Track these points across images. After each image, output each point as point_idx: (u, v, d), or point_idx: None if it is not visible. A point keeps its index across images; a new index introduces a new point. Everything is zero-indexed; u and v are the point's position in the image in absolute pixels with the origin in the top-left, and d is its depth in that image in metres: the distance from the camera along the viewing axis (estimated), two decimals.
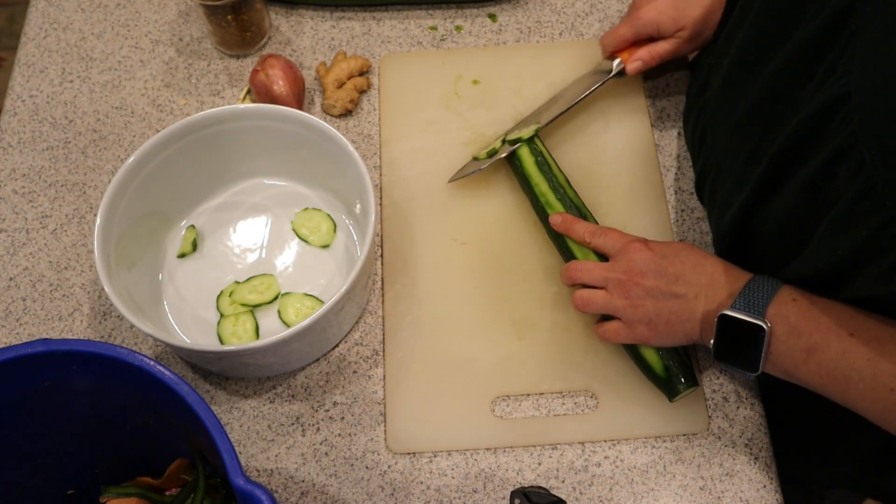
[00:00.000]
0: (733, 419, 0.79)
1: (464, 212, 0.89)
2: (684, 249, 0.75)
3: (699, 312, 0.72)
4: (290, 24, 1.02)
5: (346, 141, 0.80)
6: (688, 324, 0.72)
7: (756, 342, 0.67)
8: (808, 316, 0.66)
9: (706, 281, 0.72)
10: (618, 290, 0.75)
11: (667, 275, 0.73)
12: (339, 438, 0.79)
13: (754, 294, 0.68)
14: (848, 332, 0.63)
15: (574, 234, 0.80)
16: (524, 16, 1.01)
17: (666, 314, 0.73)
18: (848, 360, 0.63)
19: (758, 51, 0.70)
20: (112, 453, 0.72)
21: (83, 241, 0.89)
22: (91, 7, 1.04)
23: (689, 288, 0.72)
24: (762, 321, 0.67)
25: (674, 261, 0.74)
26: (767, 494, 0.76)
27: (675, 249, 0.75)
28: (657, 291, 0.73)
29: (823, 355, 0.64)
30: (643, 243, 0.76)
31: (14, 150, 0.95)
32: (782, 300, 0.67)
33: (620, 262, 0.76)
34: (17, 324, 0.85)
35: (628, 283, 0.74)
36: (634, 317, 0.74)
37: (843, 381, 0.64)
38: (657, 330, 0.74)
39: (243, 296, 0.84)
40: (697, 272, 0.73)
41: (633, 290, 0.74)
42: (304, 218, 0.88)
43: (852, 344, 0.63)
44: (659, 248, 0.75)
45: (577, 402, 0.80)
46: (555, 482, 0.77)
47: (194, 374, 0.83)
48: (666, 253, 0.74)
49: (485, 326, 0.83)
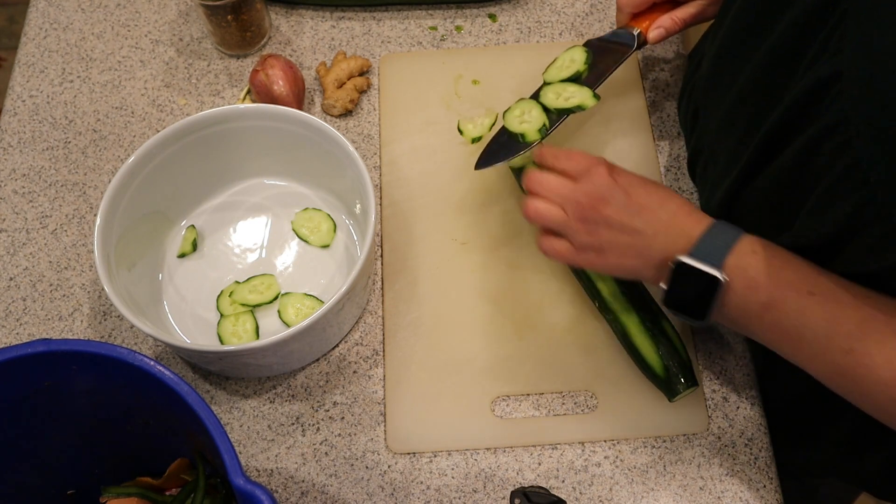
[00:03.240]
0: (733, 419, 0.79)
1: (464, 212, 0.89)
2: (651, 183, 0.72)
3: (655, 252, 0.69)
4: (290, 24, 1.02)
5: (346, 141, 0.80)
6: (640, 261, 0.70)
7: (710, 293, 0.65)
8: (768, 270, 0.64)
9: (668, 219, 0.69)
10: (576, 213, 0.71)
11: (629, 206, 0.70)
12: (339, 438, 0.79)
13: (714, 242, 0.66)
14: (807, 289, 0.62)
15: (545, 162, 0.77)
16: (524, 16, 1.01)
17: (621, 247, 0.70)
18: (804, 318, 0.62)
19: (750, 30, 0.70)
20: (112, 453, 0.72)
21: (83, 241, 0.89)
22: (91, 7, 1.04)
23: (649, 224, 0.69)
24: (719, 273, 0.64)
25: (639, 193, 0.71)
26: (767, 494, 0.76)
27: (642, 181, 0.72)
28: (616, 222, 0.70)
29: (779, 312, 0.63)
30: (609, 169, 0.72)
31: (14, 150, 0.95)
32: (742, 251, 0.65)
33: (584, 184, 0.72)
34: (17, 324, 0.85)
35: (588, 207, 0.71)
36: (586, 243, 0.72)
37: (796, 339, 0.63)
38: (606, 260, 0.71)
39: (243, 296, 0.84)
40: (661, 209, 0.70)
41: (591, 216, 0.71)
42: (304, 218, 0.88)
43: (811, 302, 0.62)
44: (625, 177, 0.72)
45: (577, 402, 0.80)
46: (555, 482, 0.77)
47: (194, 374, 0.83)
48: (632, 183, 0.71)
49: (485, 326, 0.83)
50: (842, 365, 0.61)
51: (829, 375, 0.62)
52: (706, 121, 0.82)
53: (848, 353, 0.60)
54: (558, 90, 0.83)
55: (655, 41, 0.86)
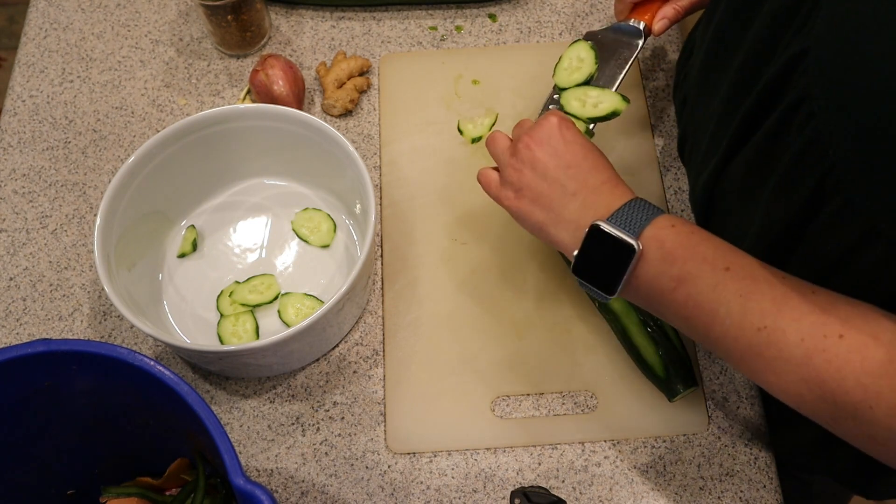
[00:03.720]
0: (733, 419, 0.79)
1: (464, 212, 0.89)
2: (593, 152, 0.71)
3: (569, 211, 0.69)
4: (290, 24, 1.02)
5: (346, 141, 0.80)
6: (551, 215, 0.70)
7: (623, 262, 0.65)
8: (686, 244, 0.63)
9: (594, 184, 0.69)
10: (513, 147, 0.73)
11: (560, 157, 0.70)
12: (339, 438, 0.79)
13: (633, 213, 0.66)
14: (724, 265, 0.62)
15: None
16: (524, 16, 1.01)
17: (537, 193, 0.70)
18: (719, 293, 0.61)
19: (738, 15, 0.70)
20: (112, 453, 0.72)
21: (83, 241, 0.89)
22: (91, 7, 1.04)
23: (572, 181, 0.69)
24: (635, 241, 0.64)
25: (576, 151, 0.71)
26: (767, 494, 0.76)
27: (586, 146, 0.71)
28: (541, 166, 0.70)
29: (694, 286, 0.63)
30: (560, 121, 0.72)
31: (14, 150, 0.95)
32: (661, 224, 0.65)
33: (533, 127, 0.72)
34: (17, 324, 0.85)
35: (523, 146, 0.71)
36: (510, 179, 0.72)
37: (709, 315, 0.62)
38: (520, 204, 0.71)
39: (243, 296, 0.84)
40: (591, 173, 0.69)
41: (523, 154, 0.71)
42: (304, 218, 0.88)
43: (726, 277, 0.61)
44: (572, 134, 0.71)
45: (577, 402, 0.80)
46: (555, 482, 0.77)
47: (194, 374, 0.83)
48: (575, 141, 0.71)
49: (485, 326, 0.83)
50: (754, 343, 0.60)
51: (739, 355, 0.62)
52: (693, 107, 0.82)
53: (761, 330, 0.59)
54: (580, 96, 0.81)
55: (660, 32, 0.84)
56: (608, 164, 0.71)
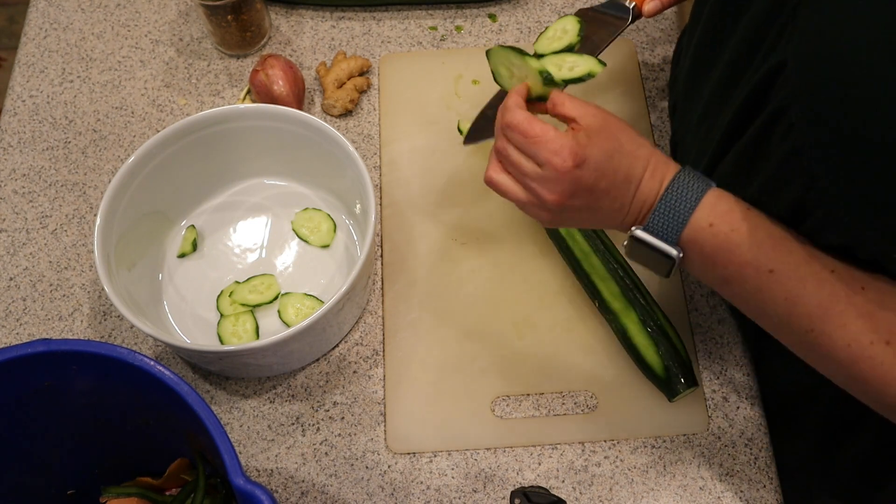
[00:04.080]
0: (733, 419, 0.79)
1: (464, 212, 0.89)
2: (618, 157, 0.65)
3: (616, 222, 0.68)
4: (290, 24, 1.02)
5: (346, 141, 0.80)
6: (600, 226, 0.70)
7: (666, 263, 0.65)
8: (725, 247, 0.62)
9: (631, 195, 0.66)
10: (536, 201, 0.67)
11: (591, 199, 0.66)
12: (339, 438, 0.79)
13: (670, 212, 0.63)
14: (768, 267, 0.60)
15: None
16: (524, 16, 1.01)
17: (581, 222, 0.69)
18: (764, 296, 0.61)
19: (720, 24, 0.71)
20: (112, 453, 0.72)
21: (83, 241, 0.89)
22: (91, 7, 1.04)
23: (613, 202, 0.66)
24: (674, 250, 0.63)
25: (605, 180, 0.65)
26: (767, 494, 0.76)
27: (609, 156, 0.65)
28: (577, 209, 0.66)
29: (738, 288, 0.63)
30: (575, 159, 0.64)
31: (14, 150, 0.95)
32: (699, 225, 0.63)
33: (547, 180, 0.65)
34: (17, 324, 0.85)
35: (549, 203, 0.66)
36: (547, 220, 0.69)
37: (756, 311, 0.63)
38: (565, 224, 0.70)
39: (243, 296, 0.84)
40: (625, 186, 0.65)
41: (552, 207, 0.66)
42: (304, 218, 0.88)
43: (770, 281, 0.60)
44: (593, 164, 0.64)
45: (577, 402, 0.80)
46: (555, 482, 0.77)
47: (194, 374, 0.83)
48: (598, 170, 0.64)
49: (485, 326, 0.83)
50: (801, 342, 0.61)
51: (791, 346, 0.63)
52: (683, 114, 0.82)
53: (808, 332, 0.60)
54: (557, 62, 0.77)
55: (651, 14, 0.83)
56: (633, 156, 0.65)
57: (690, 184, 0.64)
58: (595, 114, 0.66)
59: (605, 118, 0.66)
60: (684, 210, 0.63)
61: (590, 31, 0.83)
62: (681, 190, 0.64)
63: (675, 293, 0.84)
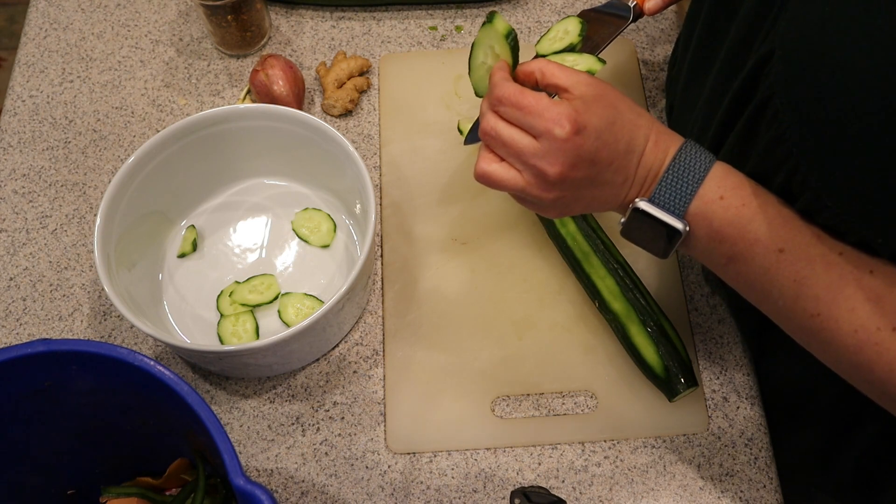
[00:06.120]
0: (733, 419, 0.79)
1: (464, 212, 0.89)
2: (619, 125, 0.62)
3: (620, 197, 0.64)
4: (290, 24, 1.02)
5: (346, 141, 0.80)
6: (603, 206, 0.65)
7: (670, 239, 0.62)
8: (735, 222, 0.60)
9: (635, 164, 0.63)
10: (534, 181, 0.63)
11: (593, 169, 0.62)
12: (339, 438, 0.79)
13: (677, 183, 0.61)
14: (777, 246, 0.58)
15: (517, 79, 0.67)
16: (524, 16, 1.01)
17: (582, 200, 0.64)
18: (771, 276, 0.59)
19: (715, 25, 0.71)
20: (112, 453, 0.72)
21: (83, 241, 0.89)
22: (91, 7, 1.04)
23: (617, 175, 0.63)
24: (681, 224, 0.61)
25: (607, 149, 0.62)
26: (767, 494, 0.76)
27: (611, 124, 0.62)
28: (578, 183, 0.62)
29: (745, 266, 0.60)
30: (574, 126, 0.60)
31: (14, 150, 0.95)
32: (708, 197, 0.60)
33: (545, 151, 0.61)
34: (17, 324, 0.85)
35: (549, 179, 0.62)
36: (546, 202, 0.64)
37: (761, 293, 0.61)
38: (562, 212, 0.66)
39: (243, 296, 0.84)
40: (628, 156, 0.62)
41: (552, 182, 0.62)
42: (304, 218, 0.88)
43: (780, 260, 0.58)
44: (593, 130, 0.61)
45: (577, 402, 0.80)
46: (555, 482, 0.77)
47: (194, 374, 0.83)
48: (600, 138, 0.61)
49: (485, 326, 0.83)
50: (806, 326, 0.59)
51: (793, 332, 0.61)
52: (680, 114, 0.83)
53: (814, 316, 0.58)
54: (557, 61, 0.75)
55: (652, 12, 0.83)
56: (636, 124, 0.63)
57: (698, 154, 0.62)
58: (589, 82, 0.62)
59: (600, 86, 0.63)
60: (693, 181, 0.61)
61: (591, 31, 0.83)
62: (689, 160, 0.61)
63: (675, 293, 0.84)
